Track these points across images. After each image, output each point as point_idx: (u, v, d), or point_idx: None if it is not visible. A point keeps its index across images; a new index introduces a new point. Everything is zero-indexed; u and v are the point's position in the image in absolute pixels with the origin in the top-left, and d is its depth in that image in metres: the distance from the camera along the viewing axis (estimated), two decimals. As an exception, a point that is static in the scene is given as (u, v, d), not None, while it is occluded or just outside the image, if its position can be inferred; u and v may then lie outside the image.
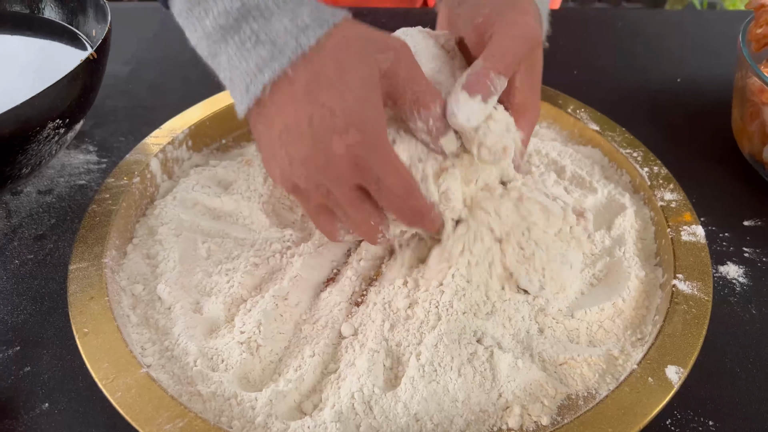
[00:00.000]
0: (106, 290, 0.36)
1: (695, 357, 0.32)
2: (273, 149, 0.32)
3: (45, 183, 0.47)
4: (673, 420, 0.33)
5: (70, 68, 0.40)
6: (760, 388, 0.34)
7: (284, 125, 0.30)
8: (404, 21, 0.66)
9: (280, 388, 0.32)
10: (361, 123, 0.29)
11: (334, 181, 0.31)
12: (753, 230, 0.43)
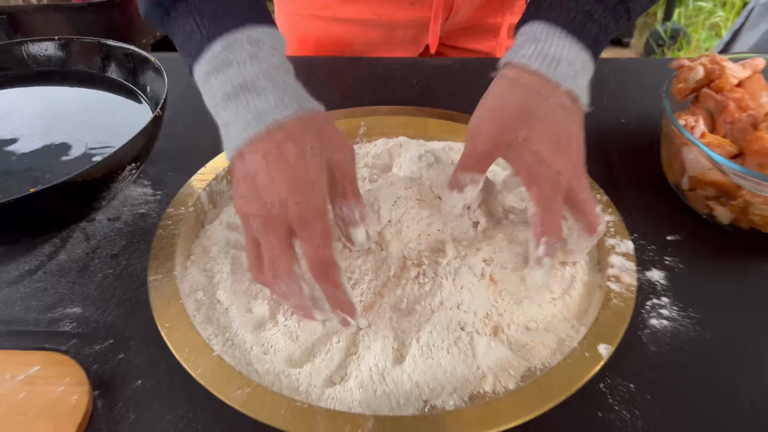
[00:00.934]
0: (179, 296, 0.47)
1: (620, 337, 0.44)
2: (240, 188, 0.41)
3: (113, 212, 0.58)
4: (604, 384, 0.44)
5: (133, 119, 0.51)
6: (669, 359, 0.46)
7: (252, 173, 0.40)
8: (412, 69, 0.79)
9: (316, 365, 0.44)
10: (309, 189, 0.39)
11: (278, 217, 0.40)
12: (673, 243, 0.55)
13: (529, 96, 0.44)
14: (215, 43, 0.41)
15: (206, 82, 0.42)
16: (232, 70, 0.41)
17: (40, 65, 0.62)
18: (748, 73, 0.61)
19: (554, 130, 0.43)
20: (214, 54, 0.41)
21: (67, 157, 0.55)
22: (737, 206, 0.54)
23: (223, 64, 0.41)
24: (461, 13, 0.80)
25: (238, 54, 0.41)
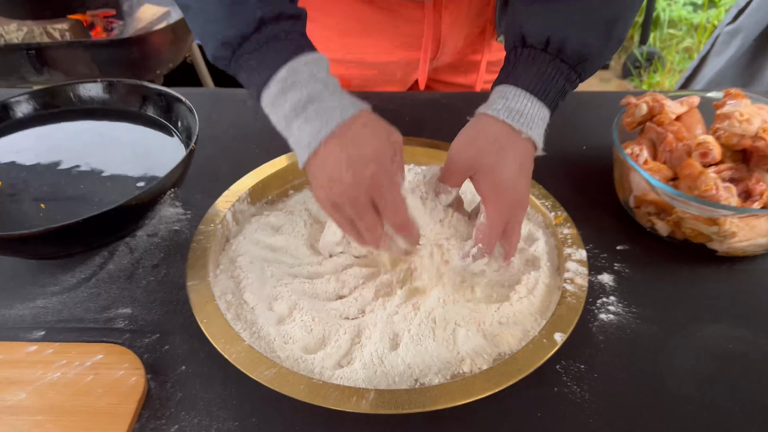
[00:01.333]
0: (213, 297, 0.57)
1: (572, 328, 0.55)
2: (321, 181, 0.51)
3: (151, 229, 0.68)
4: (560, 365, 0.55)
5: (166, 150, 0.62)
6: (614, 346, 0.57)
7: (331, 164, 0.50)
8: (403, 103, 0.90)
9: (327, 352, 0.54)
10: (379, 162, 0.50)
11: (359, 195, 0.50)
12: (622, 252, 0.66)
13: (498, 136, 0.55)
14: (281, 70, 0.51)
15: (275, 103, 0.52)
16: (300, 89, 0.51)
17: (84, 103, 0.73)
18: (684, 109, 0.73)
19: (515, 166, 0.54)
20: (280, 79, 0.51)
21: (112, 183, 0.65)
22: (672, 221, 0.65)
23: (291, 86, 0.51)
24: (446, 53, 0.91)
25: (301, 75, 0.51)
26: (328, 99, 0.51)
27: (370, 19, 0.85)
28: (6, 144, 0.68)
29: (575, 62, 0.56)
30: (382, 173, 0.50)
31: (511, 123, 0.54)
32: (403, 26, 0.86)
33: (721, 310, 0.60)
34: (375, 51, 0.89)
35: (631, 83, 2.56)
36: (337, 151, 0.50)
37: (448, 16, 0.85)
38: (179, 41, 1.29)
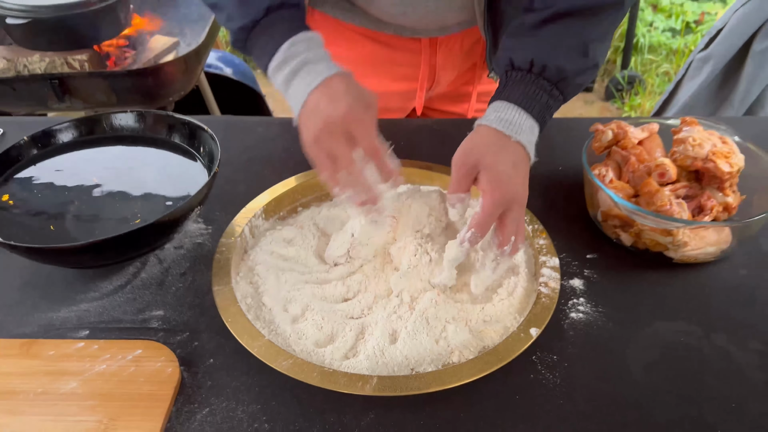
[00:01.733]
0: (236, 300, 0.66)
1: (546, 324, 0.64)
2: (308, 120, 0.63)
3: (177, 242, 0.77)
4: (535, 356, 0.64)
5: (190, 173, 0.72)
6: (583, 340, 0.66)
7: (316, 104, 0.63)
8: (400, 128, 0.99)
9: (336, 346, 0.63)
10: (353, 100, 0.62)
11: (336, 125, 0.61)
12: (591, 260, 0.76)
13: (493, 141, 0.65)
14: (284, 44, 0.66)
15: (279, 69, 0.66)
16: (297, 57, 0.66)
17: (117, 131, 0.82)
18: (646, 135, 0.83)
19: (510, 164, 0.64)
20: (283, 50, 0.66)
21: (143, 203, 0.74)
22: (634, 232, 0.75)
23: (291, 55, 0.66)
24: (441, 84, 1.02)
25: (299, 47, 0.66)
26: (318, 63, 0.65)
27: (373, 53, 0.95)
28: (50, 166, 0.77)
29: (556, 80, 0.66)
30: (356, 107, 0.62)
31: (502, 130, 0.65)
32: (402, 60, 0.97)
33: (676, 309, 0.70)
34: (377, 82, 0.99)
35: (613, 105, 2.68)
36: (320, 95, 0.63)
37: (442, 52, 0.96)
38: (190, 71, 1.39)
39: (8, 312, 0.69)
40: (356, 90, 0.64)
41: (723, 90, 1.77)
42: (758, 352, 0.64)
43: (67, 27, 1.33)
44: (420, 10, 0.85)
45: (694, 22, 3.06)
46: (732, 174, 0.76)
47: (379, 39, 0.94)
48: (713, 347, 0.65)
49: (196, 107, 1.69)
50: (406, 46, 0.95)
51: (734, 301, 0.70)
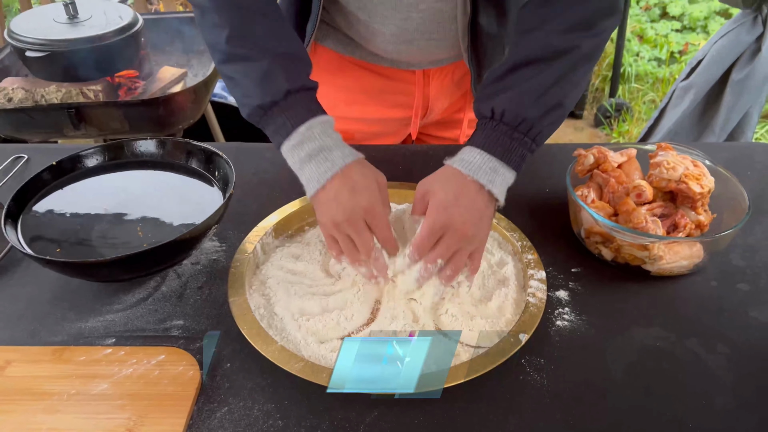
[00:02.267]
0: (251, 310, 0.72)
1: (534, 330, 0.70)
2: (327, 206, 0.70)
3: (194, 258, 0.84)
4: (525, 359, 0.70)
5: (205, 195, 0.78)
6: (567, 345, 0.72)
7: (337, 193, 0.69)
8: (396, 153, 1.06)
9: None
10: (372, 193, 0.70)
11: (357, 216, 0.69)
12: (575, 273, 0.82)
13: (447, 175, 0.71)
14: (301, 127, 0.71)
15: (294, 150, 0.72)
16: (314, 141, 0.71)
17: (138, 157, 0.89)
18: (624, 159, 0.90)
19: (451, 194, 0.69)
20: (300, 133, 0.71)
21: (164, 222, 0.81)
22: (614, 248, 0.82)
23: (307, 138, 0.71)
24: (434, 112, 1.10)
25: (315, 131, 0.71)
26: (334, 149, 0.71)
27: (371, 83, 1.03)
28: (77, 188, 0.84)
29: (516, 124, 0.70)
30: (375, 201, 0.70)
31: (459, 168, 0.71)
32: (398, 90, 1.05)
33: (653, 317, 0.76)
34: (375, 110, 1.07)
35: (602, 131, 2.77)
36: (341, 184, 0.70)
37: (435, 82, 1.04)
38: (199, 101, 1.47)
39: (40, 322, 0.75)
40: (372, 179, 0.71)
41: (705, 117, 1.86)
42: (725, 355, 0.71)
43: (83, 59, 1.41)
44: (413, 48, 0.93)
45: (679, 52, 3.18)
46: (703, 194, 0.84)
47: (377, 71, 1.02)
48: (685, 351, 0.71)
49: (201, 134, 1.77)
50: (402, 77, 1.03)
51: (705, 310, 0.77)
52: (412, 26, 0.89)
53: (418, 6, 0.86)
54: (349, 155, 0.71)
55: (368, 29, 0.92)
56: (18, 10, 3.08)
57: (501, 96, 0.72)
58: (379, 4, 0.87)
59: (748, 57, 1.79)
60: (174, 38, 1.80)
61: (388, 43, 0.93)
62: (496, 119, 0.71)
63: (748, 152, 1.11)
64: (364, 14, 0.90)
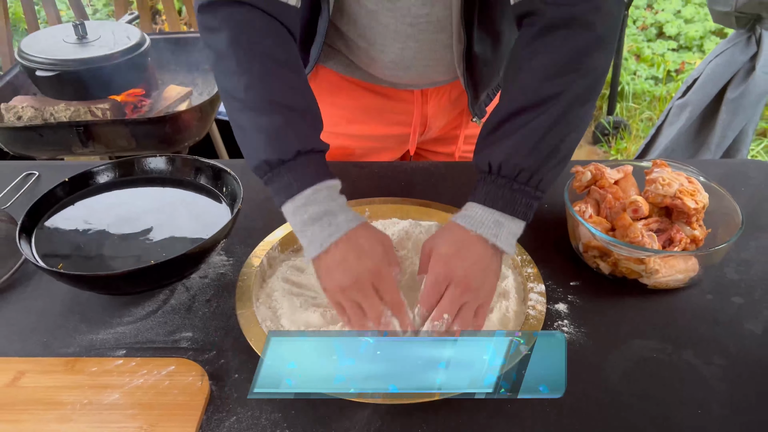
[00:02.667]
0: (258, 322, 0.74)
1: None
2: (332, 271, 0.67)
3: (201, 272, 0.86)
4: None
5: (213, 211, 0.81)
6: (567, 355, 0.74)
7: (343, 258, 0.67)
8: (397, 170, 1.09)
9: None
10: (378, 257, 0.67)
11: (364, 280, 0.66)
12: (574, 287, 0.84)
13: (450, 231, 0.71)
14: (307, 190, 0.69)
15: (297, 212, 0.69)
16: (318, 204, 0.69)
17: (148, 173, 0.91)
18: (621, 176, 0.93)
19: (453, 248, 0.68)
20: (305, 195, 0.69)
21: (173, 237, 0.83)
22: (612, 262, 0.84)
23: (312, 201, 0.69)
24: (432, 129, 1.12)
25: (321, 195, 0.69)
26: (339, 214, 0.69)
27: (371, 103, 1.06)
28: (89, 204, 0.87)
29: (514, 176, 0.69)
30: (381, 265, 0.68)
31: (463, 225, 0.69)
32: (397, 109, 1.08)
33: (650, 329, 0.78)
34: (374, 128, 1.10)
35: (600, 149, 2.80)
36: (347, 249, 0.67)
37: (433, 101, 1.07)
38: (204, 119, 1.50)
39: (53, 334, 0.77)
40: (377, 242, 0.69)
41: (701, 135, 1.89)
42: (721, 365, 0.73)
43: (92, 79, 1.45)
44: (411, 72, 0.96)
45: (675, 71, 3.22)
46: (698, 210, 0.86)
47: (376, 90, 1.06)
48: (682, 361, 0.73)
49: (206, 151, 1.80)
50: (401, 96, 1.06)
51: (701, 322, 0.79)
52: (410, 54, 0.93)
53: (416, 36, 0.90)
54: (353, 219, 0.69)
55: (368, 55, 0.95)
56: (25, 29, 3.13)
57: (497, 148, 0.70)
58: (378, 34, 0.90)
59: (742, 76, 1.83)
60: (179, 57, 1.84)
61: (387, 68, 0.96)
62: (494, 173, 0.70)
63: (742, 169, 1.13)
64: (364, 42, 0.93)
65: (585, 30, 0.70)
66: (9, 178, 1.04)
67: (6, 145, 1.43)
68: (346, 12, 0.90)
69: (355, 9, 0.88)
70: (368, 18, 0.89)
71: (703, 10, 3.55)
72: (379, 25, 0.89)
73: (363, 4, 0.87)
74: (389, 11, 0.87)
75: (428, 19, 0.88)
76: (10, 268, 0.84)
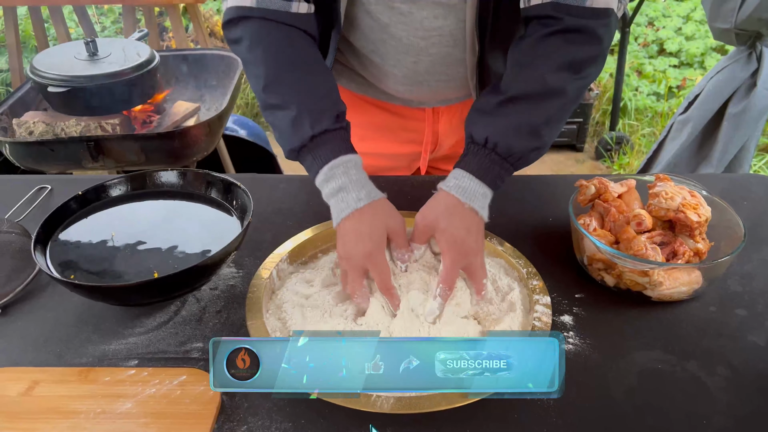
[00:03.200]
0: (268, 333, 0.76)
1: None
2: (345, 239, 0.76)
3: (212, 284, 0.87)
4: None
5: (223, 223, 0.83)
6: (573, 367, 0.75)
7: (344, 235, 0.76)
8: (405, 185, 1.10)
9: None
10: (375, 241, 0.75)
11: (357, 262, 0.75)
12: (579, 299, 0.86)
13: (449, 206, 0.77)
14: (324, 167, 0.78)
15: (322, 186, 0.79)
16: (334, 180, 0.77)
17: (160, 187, 0.93)
18: (624, 189, 0.94)
19: (463, 228, 0.76)
20: (324, 172, 0.78)
21: (184, 249, 0.85)
22: (616, 274, 0.85)
23: (329, 177, 0.78)
24: (443, 147, 1.14)
25: (337, 170, 0.77)
26: (350, 191, 0.77)
27: (384, 120, 1.09)
28: (102, 217, 0.88)
29: (506, 155, 0.77)
30: (376, 250, 0.75)
31: (458, 196, 0.77)
32: (409, 127, 1.10)
33: (654, 341, 0.79)
34: (386, 145, 1.12)
35: (603, 164, 2.82)
36: (350, 228, 0.76)
37: (444, 120, 1.09)
38: (213, 134, 1.52)
39: (66, 344, 0.78)
40: (379, 226, 0.76)
41: (702, 149, 1.91)
42: (724, 376, 0.74)
43: (102, 95, 1.47)
44: (424, 88, 0.98)
45: (677, 87, 3.25)
46: (701, 223, 0.87)
47: (389, 108, 1.08)
48: (685, 372, 0.74)
49: (213, 166, 1.82)
50: (413, 115, 1.08)
51: (704, 334, 0.80)
52: (422, 68, 0.95)
53: (429, 50, 0.92)
54: (364, 198, 0.76)
55: (381, 71, 0.98)
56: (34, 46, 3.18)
57: (496, 127, 0.78)
58: (391, 48, 0.93)
59: (744, 92, 1.85)
60: (187, 74, 1.87)
61: (400, 84, 0.98)
62: (489, 148, 0.78)
63: (744, 183, 1.15)
64: (377, 57, 0.95)
65: (594, 41, 0.78)
66: (22, 191, 1.06)
67: (18, 159, 1.46)
68: (358, 26, 0.93)
69: (367, 23, 0.91)
70: (381, 32, 0.91)
71: (703, 28, 3.59)
72: (392, 38, 0.91)
73: (376, 17, 0.89)
74: (402, 24, 0.89)
75: (441, 33, 0.90)
76: (24, 279, 0.86)
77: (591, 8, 0.77)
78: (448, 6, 0.86)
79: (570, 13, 0.77)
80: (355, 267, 0.75)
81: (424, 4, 0.86)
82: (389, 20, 0.89)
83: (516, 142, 0.77)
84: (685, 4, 3.84)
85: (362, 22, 0.91)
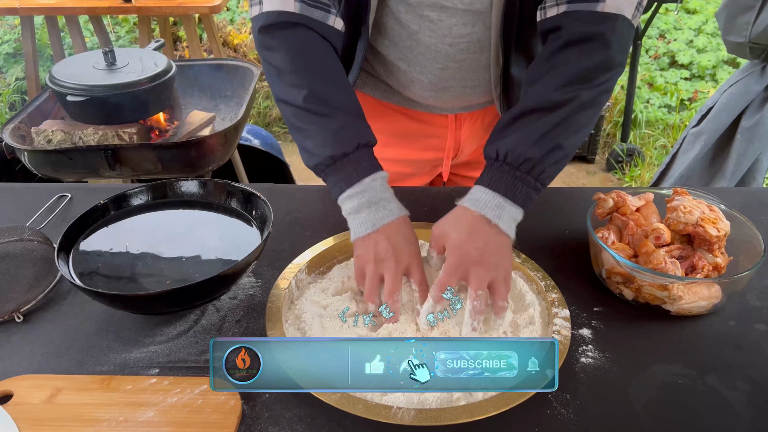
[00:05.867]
0: (288, 343, 0.76)
1: (559, 366, 0.73)
2: (363, 254, 0.78)
3: (232, 293, 0.88)
4: (551, 394, 0.73)
5: (243, 234, 0.83)
6: (591, 381, 0.75)
7: (367, 248, 0.78)
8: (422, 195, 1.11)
9: (376, 383, 0.72)
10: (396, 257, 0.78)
11: (376, 271, 0.77)
12: (597, 312, 0.85)
13: (457, 215, 0.79)
14: (362, 181, 0.80)
15: (350, 198, 0.80)
16: (366, 195, 0.80)
17: (180, 197, 0.94)
18: (642, 203, 0.94)
19: (464, 233, 0.76)
20: (364, 183, 0.80)
21: (204, 259, 0.85)
22: (635, 288, 0.85)
23: (362, 191, 0.80)
24: (464, 153, 1.16)
25: (369, 186, 0.80)
26: (379, 210, 0.80)
27: (406, 127, 1.10)
28: (123, 226, 0.89)
29: (518, 164, 0.77)
30: (393, 266, 0.78)
31: (467, 206, 0.78)
32: (431, 133, 1.11)
33: (674, 355, 0.79)
34: (408, 152, 1.13)
35: (614, 176, 2.82)
36: (374, 243, 0.79)
37: (466, 126, 1.10)
38: (228, 144, 1.53)
39: (87, 353, 0.79)
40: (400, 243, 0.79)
41: (715, 163, 1.91)
42: (745, 391, 0.73)
43: (120, 104, 1.49)
44: (448, 95, 1.00)
45: (688, 100, 3.25)
46: (719, 238, 0.87)
47: (411, 115, 1.09)
48: (706, 386, 0.74)
49: (227, 175, 1.83)
50: (435, 121, 1.09)
51: (724, 348, 0.80)
52: (449, 75, 0.96)
53: (456, 57, 0.93)
54: (388, 215, 0.79)
55: (407, 77, 0.99)
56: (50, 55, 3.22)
57: (505, 139, 0.79)
58: (419, 55, 0.94)
59: (757, 105, 1.85)
60: (203, 84, 1.88)
61: (425, 90, 1.00)
62: (500, 160, 0.78)
63: (760, 197, 1.15)
64: (405, 64, 0.97)
65: (602, 47, 0.79)
66: (43, 199, 1.08)
67: (36, 167, 1.47)
68: (387, 34, 0.94)
69: (397, 31, 0.93)
70: (409, 39, 0.93)
71: (715, 40, 3.59)
72: (420, 45, 0.93)
73: (405, 25, 0.91)
74: (431, 31, 0.91)
75: (469, 39, 0.92)
76: (45, 287, 0.86)
77: (602, 13, 0.78)
78: (476, 13, 0.88)
79: (580, 19, 0.78)
80: (374, 274, 0.77)
81: (454, 11, 0.88)
82: (419, 27, 0.91)
83: (526, 150, 0.77)
84: (696, 17, 3.85)
85: (391, 30, 0.93)
